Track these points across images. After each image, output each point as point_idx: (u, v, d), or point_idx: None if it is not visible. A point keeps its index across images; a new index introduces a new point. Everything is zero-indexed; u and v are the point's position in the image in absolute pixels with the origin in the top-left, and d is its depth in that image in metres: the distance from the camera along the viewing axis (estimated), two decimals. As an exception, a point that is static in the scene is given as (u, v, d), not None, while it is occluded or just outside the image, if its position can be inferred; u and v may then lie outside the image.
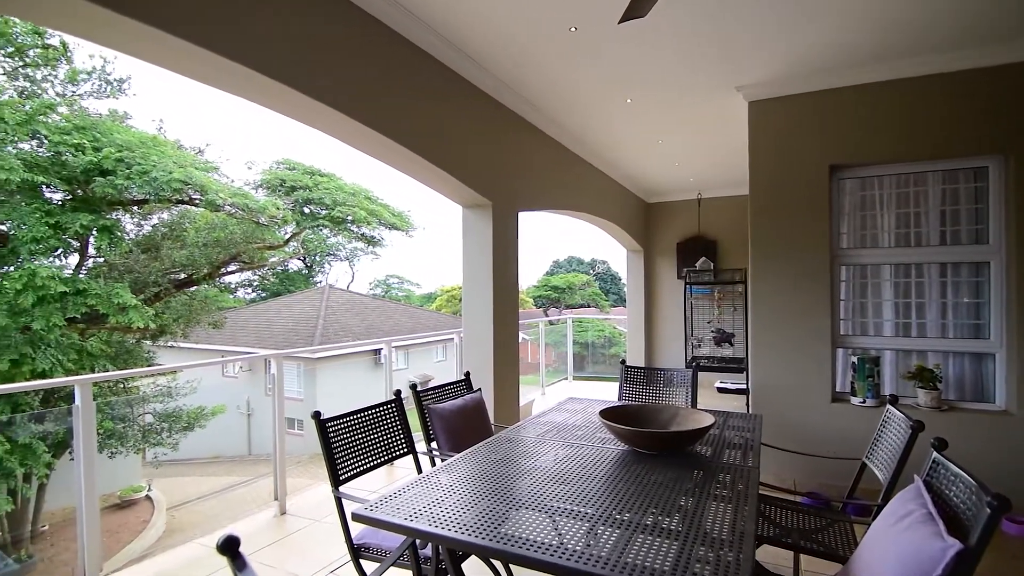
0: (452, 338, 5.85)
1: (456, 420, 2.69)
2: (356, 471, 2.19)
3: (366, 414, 2.35)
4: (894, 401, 2.43)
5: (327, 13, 2.70)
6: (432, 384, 2.97)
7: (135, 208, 10.26)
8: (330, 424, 2.15)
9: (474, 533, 1.45)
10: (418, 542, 1.85)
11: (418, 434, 2.60)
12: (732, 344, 6.25)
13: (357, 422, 2.29)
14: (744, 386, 5.72)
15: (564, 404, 3.11)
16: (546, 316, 22.23)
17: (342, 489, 2.07)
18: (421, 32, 3.21)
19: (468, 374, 3.20)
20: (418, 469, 2.48)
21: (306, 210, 13.66)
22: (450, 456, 2.24)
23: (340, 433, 2.18)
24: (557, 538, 1.42)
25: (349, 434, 2.22)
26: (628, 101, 4.45)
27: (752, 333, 4.19)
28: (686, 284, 6.64)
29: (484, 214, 4.16)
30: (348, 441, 2.21)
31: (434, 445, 2.63)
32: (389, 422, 2.45)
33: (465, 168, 3.78)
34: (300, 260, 24.83)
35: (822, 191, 3.95)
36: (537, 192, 4.88)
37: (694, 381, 3.39)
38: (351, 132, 3.05)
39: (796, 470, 3.95)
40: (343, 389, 13.49)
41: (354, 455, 2.21)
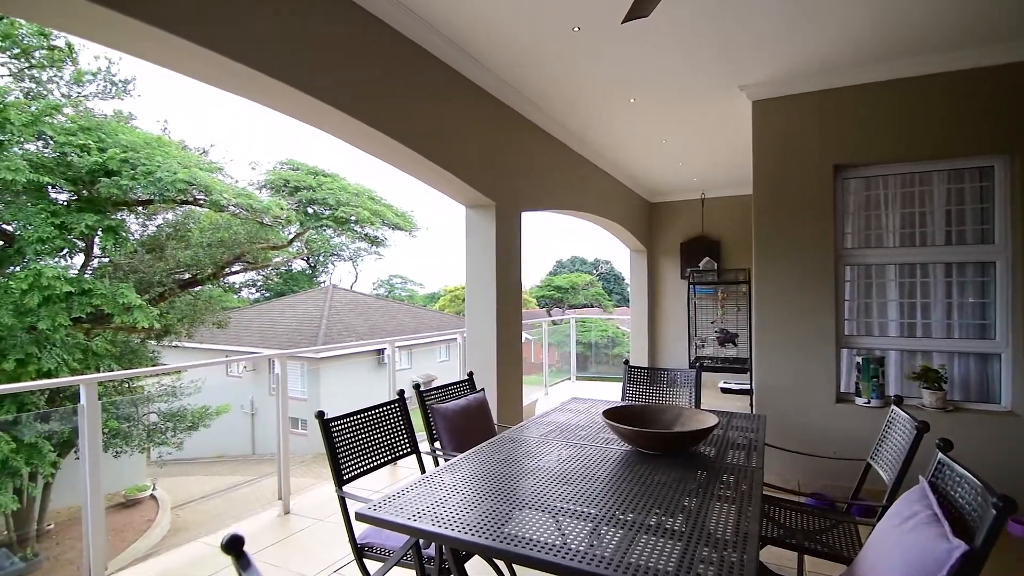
0: (455, 338, 5.86)
1: (459, 420, 2.69)
2: (360, 471, 2.20)
3: (370, 414, 2.35)
4: (899, 402, 2.42)
5: (328, 13, 2.71)
6: (435, 384, 2.97)
7: (140, 208, 10.32)
8: (334, 424, 2.15)
9: (477, 533, 1.45)
10: (421, 542, 1.85)
11: (421, 434, 2.61)
12: (736, 344, 6.24)
13: (361, 422, 2.29)
14: (748, 386, 5.70)
15: (567, 404, 3.11)
16: (549, 316, 22.24)
17: (346, 489, 2.07)
18: (423, 32, 3.22)
19: (471, 374, 3.20)
20: (421, 469, 2.49)
21: (310, 210, 13.70)
22: (453, 456, 2.25)
23: (344, 433, 2.19)
24: (560, 538, 1.42)
25: (353, 434, 2.23)
26: (631, 101, 4.44)
27: (756, 333, 4.18)
28: (690, 284, 6.62)
29: (487, 214, 4.16)
30: (352, 441, 2.21)
31: (437, 445, 2.63)
32: (392, 422, 2.46)
33: (468, 168, 3.78)
34: (304, 260, 24.91)
35: (826, 191, 3.94)
36: (540, 192, 4.88)
37: (698, 381, 3.39)
38: (354, 132, 3.05)
39: (800, 471, 3.93)
40: (346, 389, 13.52)
41: (358, 455, 2.22)
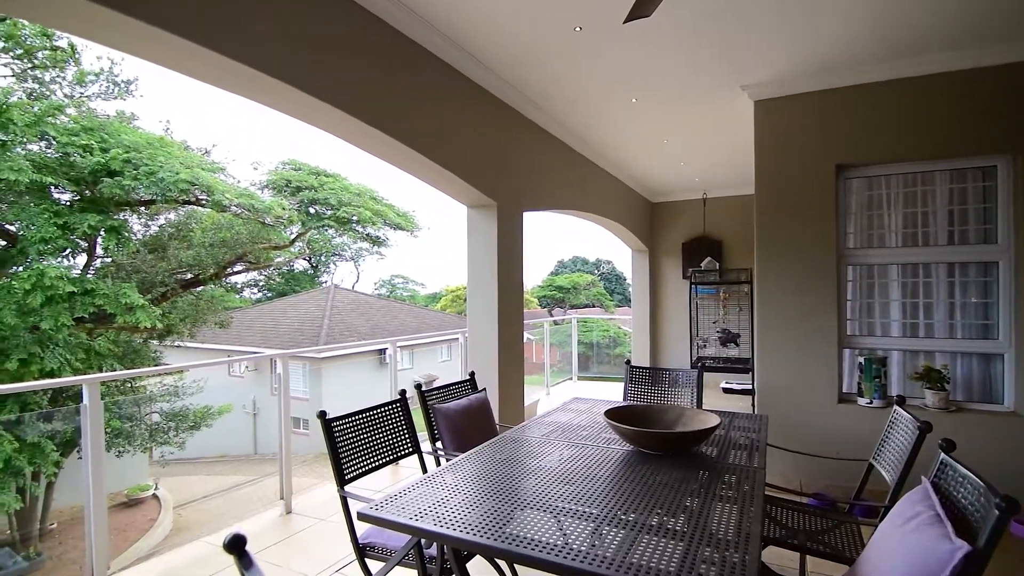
0: (457, 338, 5.86)
1: (461, 420, 2.69)
2: (361, 470, 2.20)
3: (371, 414, 2.36)
4: (901, 402, 2.41)
5: (328, 13, 2.71)
6: (437, 384, 2.97)
7: (142, 208, 10.34)
8: (336, 424, 2.15)
9: (479, 533, 1.45)
10: (423, 541, 1.85)
11: (423, 434, 2.61)
12: (738, 344, 6.23)
13: (362, 422, 2.29)
14: (750, 386, 5.69)
15: (569, 404, 3.11)
16: (551, 316, 22.23)
17: (347, 488, 2.07)
18: (423, 31, 3.22)
19: (473, 374, 3.20)
20: (423, 469, 2.49)
21: (311, 210, 13.73)
22: (455, 456, 2.25)
23: (345, 433, 2.19)
24: (562, 538, 1.42)
25: (354, 434, 2.23)
26: (633, 101, 4.44)
27: (758, 333, 4.18)
28: (691, 284, 6.62)
29: (489, 214, 4.16)
30: (353, 441, 2.21)
31: (439, 445, 2.64)
32: (394, 422, 2.46)
33: (469, 168, 3.79)
34: (305, 260, 24.94)
35: (828, 190, 3.93)
36: (542, 192, 4.88)
37: (699, 381, 3.38)
38: (355, 132, 3.05)
39: (802, 471, 3.93)
40: (348, 389, 13.53)
41: (359, 454, 2.22)
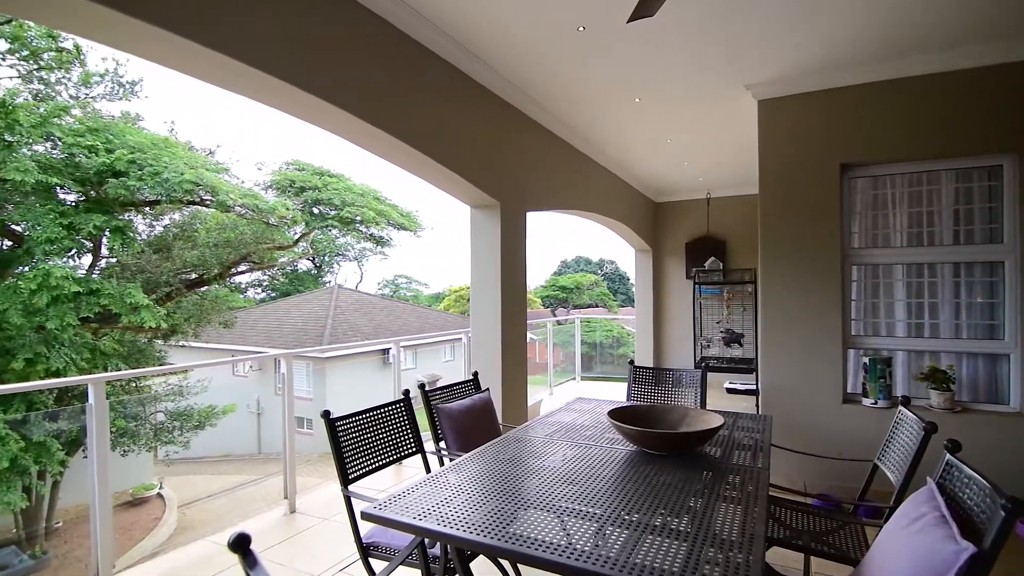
0: (460, 338, 5.86)
1: (464, 420, 2.69)
2: (365, 470, 2.20)
3: (375, 413, 2.36)
4: (906, 402, 2.40)
5: (331, 13, 2.71)
6: (440, 384, 2.97)
7: (147, 209, 10.39)
8: (339, 423, 2.16)
9: (482, 532, 1.45)
10: (427, 541, 1.85)
11: (426, 433, 2.61)
12: (742, 344, 6.21)
13: (366, 421, 2.30)
14: (754, 387, 5.67)
15: (572, 404, 3.11)
16: (554, 316, 22.22)
17: (351, 488, 2.08)
18: (427, 31, 3.22)
19: (476, 374, 3.20)
20: (426, 468, 2.49)
21: (315, 210, 13.76)
22: (458, 456, 2.25)
23: (349, 432, 2.19)
24: (565, 538, 1.41)
25: (358, 433, 2.24)
26: (636, 100, 4.43)
27: (762, 333, 4.17)
28: (695, 284, 6.60)
29: (492, 214, 4.16)
30: (357, 440, 2.22)
31: (442, 445, 2.64)
32: (398, 421, 2.46)
33: (473, 168, 3.79)
34: (309, 260, 24.99)
35: (833, 190, 3.92)
36: (545, 192, 4.88)
37: (703, 382, 3.37)
38: (358, 132, 3.06)
39: (807, 472, 3.92)
40: (352, 388, 13.56)
41: (363, 454, 2.22)
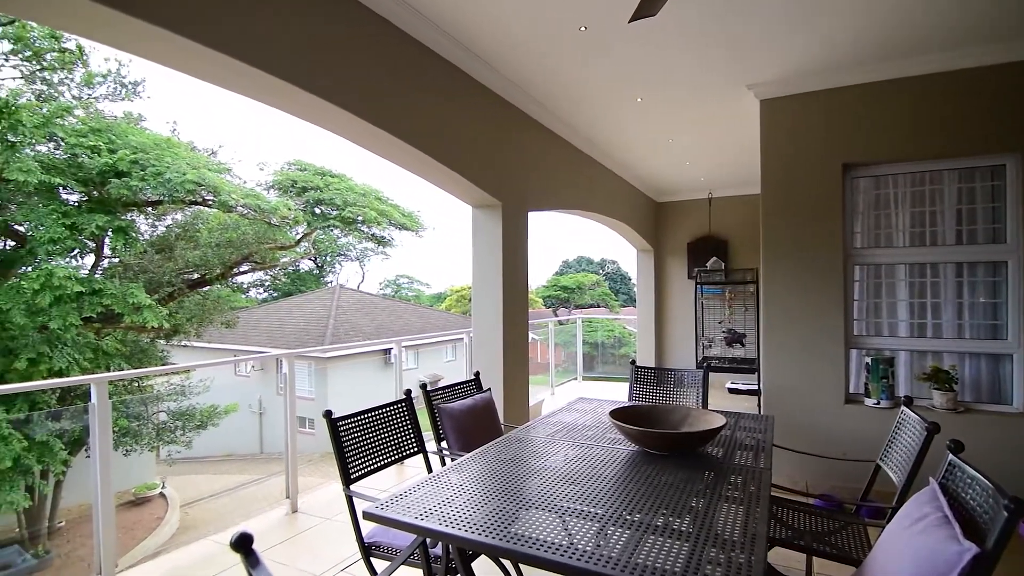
0: (462, 338, 5.86)
1: (466, 420, 2.69)
2: (367, 470, 2.21)
3: (377, 413, 2.36)
4: (909, 403, 2.40)
5: (332, 13, 2.71)
6: (442, 384, 2.98)
7: (149, 209, 10.41)
8: (341, 423, 2.16)
9: (484, 532, 1.45)
10: (428, 541, 1.85)
11: (428, 433, 2.61)
12: (743, 345, 6.21)
13: (368, 421, 2.30)
14: (755, 387, 5.67)
15: (574, 404, 3.11)
16: (555, 316, 22.21)
17: (353, 488, 2.08)
18: (428, 31, 3.22)
19: (478, 374, 3.20)
20: (428, 468, 2.49)
21: (317, 211, 13.77)
22: (460, 455, 2.25)
23: (351, 432, 2.20)
24: (567, 538, 1.42)
25: (360, 433, 2.24)
26: (638, 100, 4.43)
27: (764, 333, 4.16)
28: (697, 284, 6.60)
29: (494, 214, 4.16)
30: (359, 440, 2.22)
31: (444, 444, 2.64)
32: (399, 421, 2.46)
33: (474, 168, 3.79)
34: (311, 260, 25.02)
35: (835, 190, 3.91)
36: (547, 192, 4.88)
37: (705, 382, 3.37)
38: (360, 132, 3.06)
39: (809, 472, 3.91)
40: (353, 388, 13.57)
41: (365, 454, 2.22)
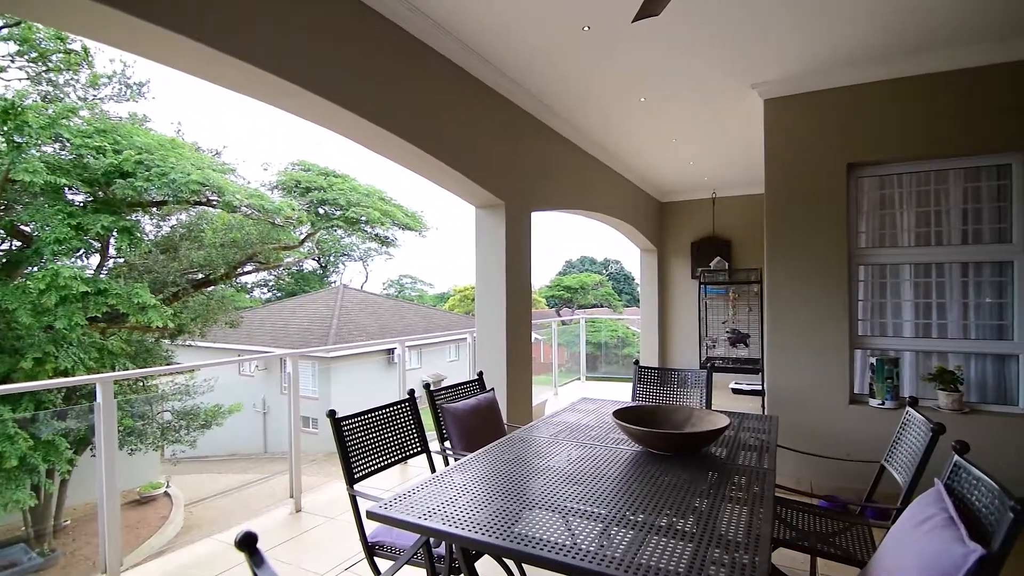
0: (465, 338, 5.87)
1: (469, 419, 2.70)
2: (370, 469, 2.21)
3: (380, 413, 2.37)
4: (914, 403, 2.39)
5: (335, 13, 2.72)
6: (445, 384, 2.98)
7: (154, 209, 10.46)
8: (345, 423, 2.17)
9: (487, 532, 1.45)
10: (432, 540, 1.86)
11: (431, 433, 2.61)
12: (747, 345, 6.19)
13: (371, 421, 2.31)
14: (759, 387, 5.65)
15: (577, 404, 3.10)
16: (559, 316, 22.20)
17: (357, 487, 2.08)
18: (432, 32, 3.22)
19: (481, 374, 3.21)
20: (432, 468, 2.50)
21: (321, 211, 13.79)
22: (463, 455, 2.25)
23: (355, 432, 2.20)
24: (570, 538, 1.41)
25: (364, 433, 2.24)
26: (642, 100, 4.42)
27: (768, 334, 4.15)
28: (700, 284, 6.58)
29: (497, 214, 4.16)
30: (363, 440, 2.22)
31: (447, 444, 2.64)
32: (403, 421, 2.47)
33: (477, 168, 3.79)
34: (315, 260, 25.10)
35: (839, 189, 3.90)
36: (550, 192, 4.87)
37: (708, 382, 3.36)
38: (364, 132, 3.07)
39: (813, 473, 3.90)
40: (357, 388, 13.60)
41: (368, 454, 2.23)
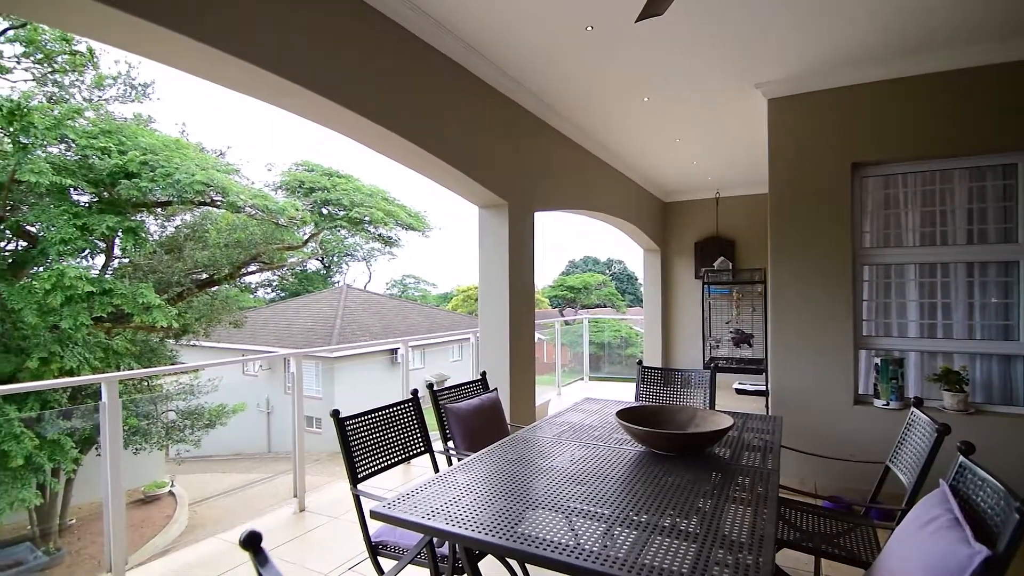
0: (468, 338, 5.87)
1: (472, 419, 2.70)
2: (374, 469, 2.22)
3: (384, 413, 2.37)
4: (919, 404, 2.38)
5: (337, 14, 2.73)
6: (448, 384, 2.98)
7: (159, 210, 10.49)
8: (349, 423, 2.17)
9: (490, 532, 1.45)
10: (435, 540, 1.86)
11: (435, 433, 2.62)
12: (751, 345, 6.17)
13: (375, 421, 2.31)
14: (763, 388, 5.64)
15: (580, 404, 3.10)
16: (562, 316, 22.18)
17: (360, 487, 2.09)
18: (434, 32, 3.23)
19: (484, 374, 3.21)
20: (435, 468, 2.50)
21: (324, 211, 13.82)
22: (466, 455, 2.25)
23: (358, 431, 2.21)
24: (573, 538, 1.41)
25: (367, 433, 2.25)
26: (645, 100, 4.42)
27: (771, 334, 4.14)
28: (704, 284, 6.57)
29: (500, 214, 4.16)
30: (366, 439, 2.23)
31: (451, 444, 2.65)
32: (406, 421, 2.47)
33: (480, 168, 3.79)
34: (318, 260, 25.15)
35: (844, 189, 3.88)
36: (553, 192, 4.87)
37: (712, 382, 3.36)
38: (367, 133, 3.07)
39: (817, 473, 3.88)
40: (360, 388, 13.62)
41: (372, 453, 2.23)
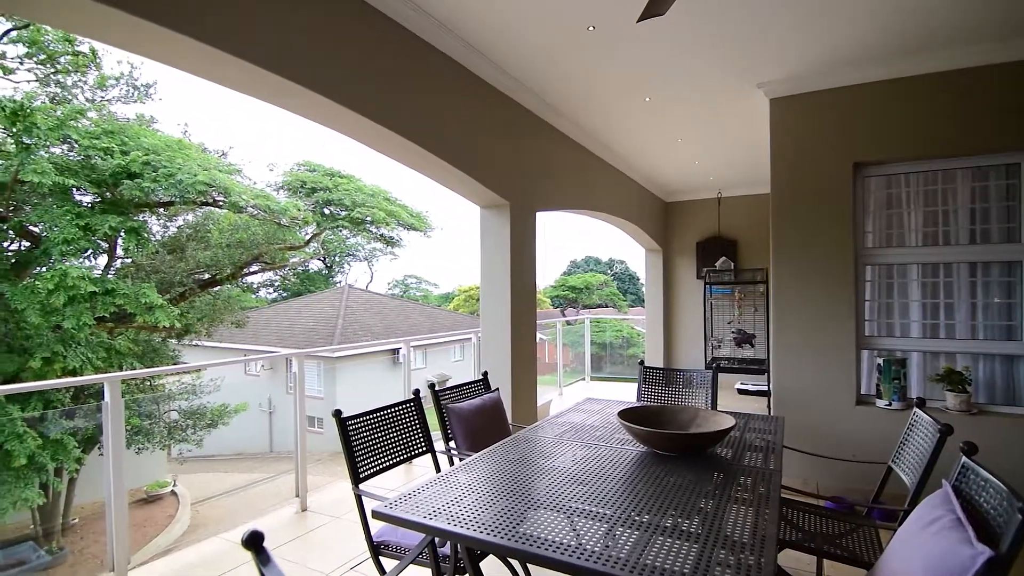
0: (470, 338, 5.87)
1: (474, 419, 2.70)
2: (376, 469, 2.22)
3: (385, 413, 2.37)
4: (921, 404, 2.37)
5: (339, 14, 2.73)
6: (450, 383, 2.98)
7: (161, 210, 10.52)
8: (350, 422, 2.17)
9: (492, 532, 1.45)
10: (437, 540, 1.86)
11: (436, 433, 2.62)
12: (753, 345, 6.16)
13: (377, 421, 2.31)
14: (765, 388, 5.63)
15: (582, 404, 3.10)
16: (563, 316, 22.18)
17: (362, 487, 2.09)
18: (435, 31, 3.23)
19: (486, 374, 3.21)
20: (436, 468, 2.50)
21: (326, 211, 13.83)
22: (468, 455, 2.25)
23: (360, 431, 2.21)
24: (575, 538, 1.41)
25: (369, 432, 2.25)
26: (647, 100, 4.41)
27: (774, 334, 4.13)
28: (706, 284, 6.56)
29: (502, 214, 4.16)
30: (368, 439, 2.23)
31: (452, 444, 2.65)
32: (408, 421, 2.47)
33: (482, 168, 3.79)
34: (320, 260, 25.20)
35: (846, 189, 3.88)
36: (555, 192, 4.87)
37: (714, 382, 3.35)
38: (368, 133, 3.07)
39: (819, 474, 3.88)
40: (362, 388, 13.63)
41: (374, 453, 2.24)
